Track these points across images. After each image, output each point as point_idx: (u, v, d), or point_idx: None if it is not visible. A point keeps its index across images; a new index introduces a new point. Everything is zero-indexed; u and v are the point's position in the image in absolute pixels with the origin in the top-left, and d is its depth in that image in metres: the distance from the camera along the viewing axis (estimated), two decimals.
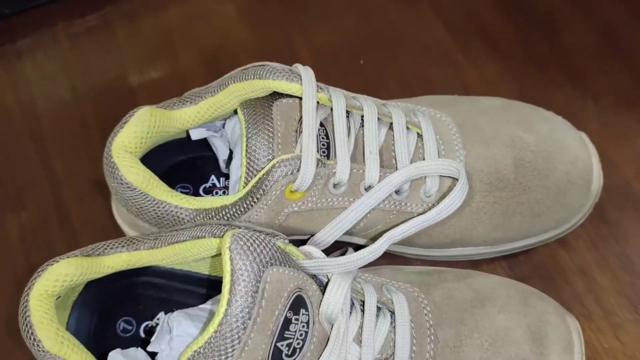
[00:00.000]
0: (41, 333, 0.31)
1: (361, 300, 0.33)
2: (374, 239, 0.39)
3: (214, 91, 0.37)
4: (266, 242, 0.29)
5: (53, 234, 0.46)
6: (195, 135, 0.39)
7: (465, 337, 0.34)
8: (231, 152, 0.40)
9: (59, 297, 0.33)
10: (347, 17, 0.52)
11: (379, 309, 0.33)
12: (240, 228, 0.31)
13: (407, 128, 0.37)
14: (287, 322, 0.29)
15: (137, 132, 0.35)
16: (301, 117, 0.35)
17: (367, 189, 0.36)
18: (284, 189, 0.34)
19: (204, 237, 0.32)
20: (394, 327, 0.33)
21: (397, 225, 0.34)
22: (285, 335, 0.29)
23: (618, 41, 0.50)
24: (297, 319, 0.29)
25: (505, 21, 0.52)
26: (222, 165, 0.40)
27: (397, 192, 0.37)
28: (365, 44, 0.51)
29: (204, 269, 0.38)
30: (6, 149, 0.50)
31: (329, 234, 0.35)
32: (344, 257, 0.31)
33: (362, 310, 0.33)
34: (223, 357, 0.28)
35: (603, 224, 0.44)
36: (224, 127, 0.39)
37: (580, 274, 0.43)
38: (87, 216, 0.47)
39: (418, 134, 0.38)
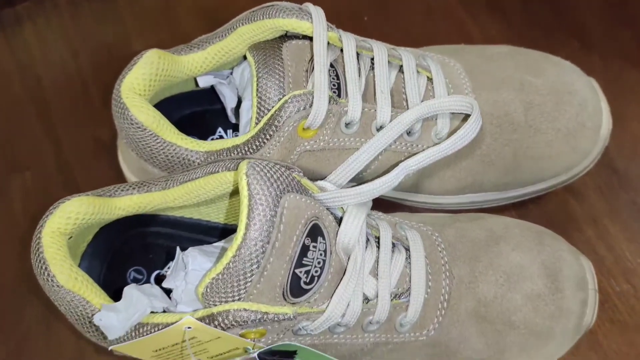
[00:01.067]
0: (55, 268, 0.31)
1: (376, 236, 0.33)
2: None
3: (222, 35, 0.37)
4: (282, 171, 0.29)
5: (57, 194, 0.46)
6: (203, 82, 0.39)
7: (480, 274, 0.34)
8: (239, 101, 0.39)
9: (70, 237, 0.33)
10: None
11: (393, 245, 0.33)
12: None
13: (417, 72, 0.37)
14: (304, 249, 0.29)
15: (145, 73, 0.35)
16: (311, 58, 0.35)
17: (379, 129, 0.36)
18: (297, 125, 0.33)
19: (218, 171, 0.31)
20: (409, 262, 0.33)
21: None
22: (303, 262, 0.29)
23: (617, 10, 0.50)
24: (314, 247, 0.29)
25: None
26: (230, 113, 0.40)
27: (408, 133, 0.36)
28: (368, 1, 0.51)
29: (214, 216, 0.38)
30: (7, 112, 0.49)
31: (341, 175, 0.35)
32: (360, 186, 0.31)
33: (378, 246, 0.33)
34: (242, 283, 0.28)
35: (612, 174, 0.44)
36: (232, 74, 0.39)
37: (591, 222, 0.43)
38: (91, 176, 0.46)
39: (428, 77, 0.38)
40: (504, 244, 0.35)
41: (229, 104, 0.40)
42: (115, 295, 0.35)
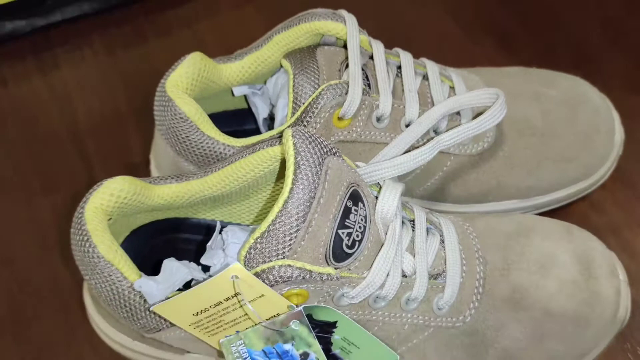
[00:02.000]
0: (96, 239, 0.31)
1: (410, 219, 0.34)
2: (412, 190, 0.40)
3: (259, 46, 0.40)
4: (323, 139, 0.30)
5: None
6: (238, 92, 0.41)
7: (513, 262, 0.35)
8: (271, 113, 0.41)
9: (110, 219, 0.33)
10: (361, 15, 0.57)
11: (427, 229, 0.34)
12: None
13: (441, 80, 0.40)
14: (347, 211, 0.29)
15: (188, 72, 0.37)
16: (343, 60, 0.37)
17: (408, 125, 0.37)
18: (332, 112, 0.35)
19: (259, 150, 0.33)
20: (444, 246, 0.34)
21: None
22: (346, 224, 0.29)
23: (616, 31, 0.54)
24: (356, 210, 0.30)
25: (512, 16, 0.56)
26: (261, 123, 0.42)
27: (435, 131, 0.38)
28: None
29: (245, 218, 0.38)
30: (44, 141, 0.51)
31: (367, 178, 0.36)
32: (395, 158, 0.32)
33: (413, 228, 0.33)
34: (287, 240, 0.28)
35: (629, 188, 0.45)
36: (265, 85, 0.41)
37: (611, 233, 0.43)
38: None
39: (450, 86, 0.40)
40: (533, 235, 0.36)
41: (261, 114, 0.42)
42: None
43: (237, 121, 0.44)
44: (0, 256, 0.44)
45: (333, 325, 0.30)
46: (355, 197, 0.30)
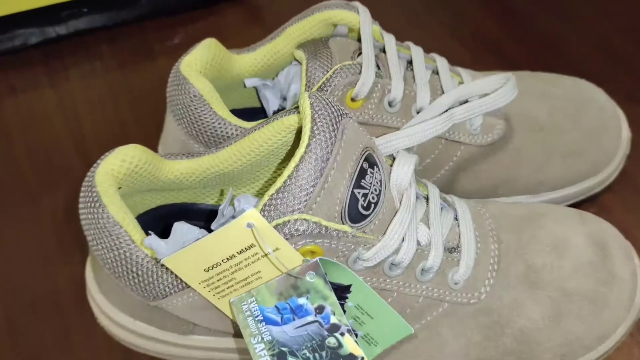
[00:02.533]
0: (106, 199, 0.30)
1: (424, 196, 0.33)
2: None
3: (272, 38, 0.41)
4: (339, 105, 0.31)
5: None
6: (249, 83, 0.42)
7: (527, 243, 0.34)
8: (282, 107, 0.42)
9: (120, 188, 0.33)
10: None
11: (441, 206, 0.33)
12: None
13: (450, 76, 0.41)
14: (363, 172, 0.29)
15: (203, 55, 0.38)
16: (356, 50, 0.38)
17: (419, 111, 0.38)
18: (346, 92, 0.36)
19: (272, 121, 0.33)
20: (458, 223, 0.33)
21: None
22: (361, 184, 0.29)
23: (610, 51, 0.56)
24: (371, 172, 0.29)
25: (511, 36, 0.58)
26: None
27: None
28: None
29: None
30: (46, 144, 0.51)
31: (382, 146, 0.36)
32: (409, 128, 0.32)
33: (427, 203, 0.33)
34: (303, 195, 0.28)
35: (636, 192, 0.45)
36: (277, 77, 0.42)
37: (622, 233, 0.43)
38: None
39: (459, 82, 0.41)
40: (546, 219, 0.36)
41: (271, 107, 0.42)
42: None
43: (248, 119, 0.44)
44: None
45: (347, 289, 0.29)
46: (370, 161, 0.30)
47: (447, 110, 0.35)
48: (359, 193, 0.29)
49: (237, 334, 0.33)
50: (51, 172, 0.49)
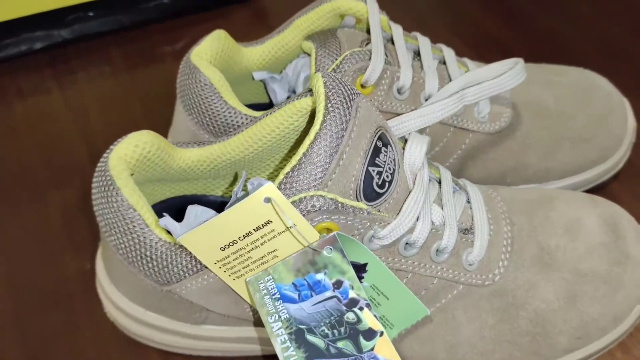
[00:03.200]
0: (120, 182, 0.30)
1: (436, 177, 0.34)
2: None
3: (280, 31, 0.41)
4: (352, 86, 0.31)
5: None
6: (258, 76, 0.42)
7: (539, 226, 0.34)
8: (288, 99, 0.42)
9: (132, 174, 0.33)
10: None
11: (453, 189, 0.34)
12: None
13: (457, 66, 0.41)
14: (377, 150, 0.29)
15: (212, 46, 0.38)
16: (364, 40, 0.38)
17: (427, 99, 0.38)
18: (356, 77, 0.36)
19: (284, 105, 0.33)
20: (470, 206, 0.33)
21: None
22: (376, 162, 0.29)
23: (611, 50, 0.56)
24: (385, 151, 0.30)
25: (514, 38, 0.58)
26: None
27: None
28: None
29: None
30: (55, 141, 0.51)
31: (394, 131, 0.36)
32: (421, 109, 0.32)
33: (439, 186, 0.33)
34: (319, 171, 0.28)
35: None
36: (284, 70, 0.42)
37: None
38: None
39: (466, 72, 0.41)
40: (557, 202, 0.36)
41: (279, 100, 0.42)
42: None
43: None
44: (5, 252, 0.43)
45: (363, 268, 0.29)
46: (384, 140, 0.30)
47: (457, 92, 0.35)
48: (373, 171, 0.29)
49: (251, 321, 0.33)
50: (61, 170, 0.49)
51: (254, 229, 0.27)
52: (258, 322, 0.33)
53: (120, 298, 0.35)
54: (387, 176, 0.29)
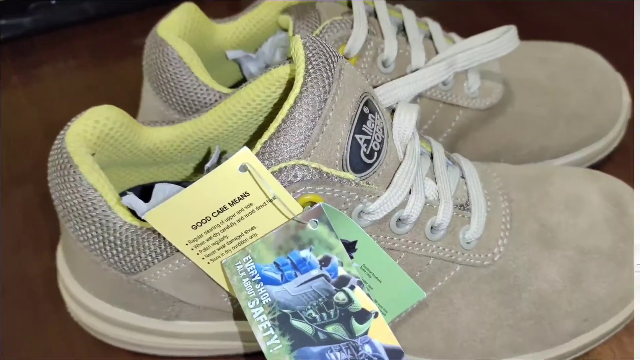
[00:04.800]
0: (77, 159, 0.27)
1: (428, 153, 0.31)
2: None
3: (254, 6, 0.38)
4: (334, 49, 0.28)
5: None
6: (232, 55, 0.39)
7: (538, 202, 0.32)
8: None
9: (93, 154, 0.30)
10: None
11: (446, 163, 0.31)
12: None
13: (444, 40, 0.39)
14: (363, 116, 0.26)
15: (181, 19, 0.35)
16: (344, 12, 0.36)
17: (414, 72, 0.36)
18: (337, 47, 0.33)
19: (260, 76, 0.30)
20: (465, 181, 0.31)
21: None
22: (363, 129, 0.26)
23: (603, 35, 0.55)
24: (372, 118, 0.27)
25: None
26: None
27: (443, 83, 0.36)
28: None
29: None
30: (17, 134, 0.48)
31: (381, 100, 0.34)
32: (409, 75, 0.30)
33: (431, 160, 0.30)
34: (301, 137, 0.25)
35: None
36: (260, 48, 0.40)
37: None
38: None
39: None
40: (555, 177, 0.33)
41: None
42: None
43: None
44: None
45: (352, 247, 0.26)
46: (371, 107, 0.27)
47: (448, 58, 0.33)
48: (360, 139, 0.26)
49: (230, 312, 0.30)
50: (22, 166, 0.45)
51: (229, 203, 0.24)
52: (238, 315, 0.30)
53: (83, 294, 0.32)
54: (376, 145, 0.27)
